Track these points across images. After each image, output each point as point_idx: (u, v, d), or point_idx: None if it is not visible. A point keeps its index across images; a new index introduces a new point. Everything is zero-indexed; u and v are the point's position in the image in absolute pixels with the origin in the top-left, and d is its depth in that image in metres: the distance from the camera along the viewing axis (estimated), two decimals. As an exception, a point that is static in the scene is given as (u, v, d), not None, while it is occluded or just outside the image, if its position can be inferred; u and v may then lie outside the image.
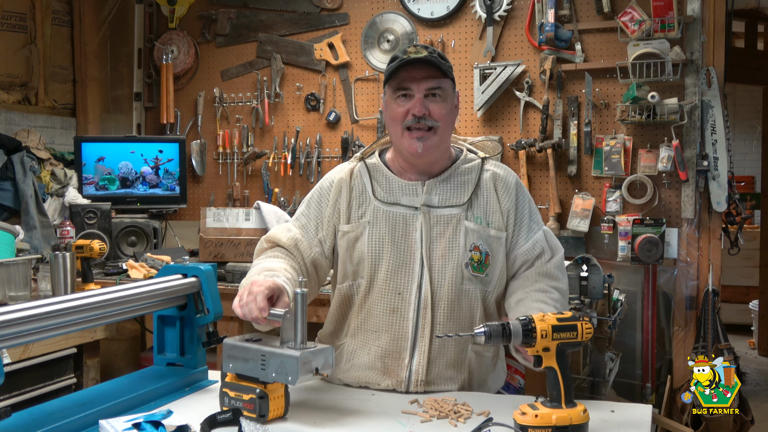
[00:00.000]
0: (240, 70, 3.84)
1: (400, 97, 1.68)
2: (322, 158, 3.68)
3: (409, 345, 1.68)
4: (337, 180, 1.78)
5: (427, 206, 1.71)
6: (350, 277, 1.75)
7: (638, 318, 3.16)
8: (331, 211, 1.76)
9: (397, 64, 1.66)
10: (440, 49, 3.44)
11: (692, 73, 3.01)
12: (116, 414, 1.38)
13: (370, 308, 1.72)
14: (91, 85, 4.02)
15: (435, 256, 1.69)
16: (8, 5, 3.64)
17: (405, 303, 1.69)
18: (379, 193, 1.74)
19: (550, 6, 3.16)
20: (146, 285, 1.53)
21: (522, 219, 1.75)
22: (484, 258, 1.69)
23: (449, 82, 1.70)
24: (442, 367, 1.69)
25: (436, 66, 1.66)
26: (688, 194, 3.04)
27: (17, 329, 1.20)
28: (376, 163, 1.78)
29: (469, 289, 1.69)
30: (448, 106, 1.70)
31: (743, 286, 6.00)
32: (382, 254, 1.70)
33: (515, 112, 3.35)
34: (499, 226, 1.73)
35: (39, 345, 2.45)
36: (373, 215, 1.72)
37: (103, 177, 3.60)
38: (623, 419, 1.45)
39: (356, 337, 1.74)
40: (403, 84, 1.67)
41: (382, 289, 1.70)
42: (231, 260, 3.03)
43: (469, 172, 1.76)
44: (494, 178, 1.75)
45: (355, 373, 1.72)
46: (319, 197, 1.80)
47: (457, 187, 1.73)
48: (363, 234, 1.72)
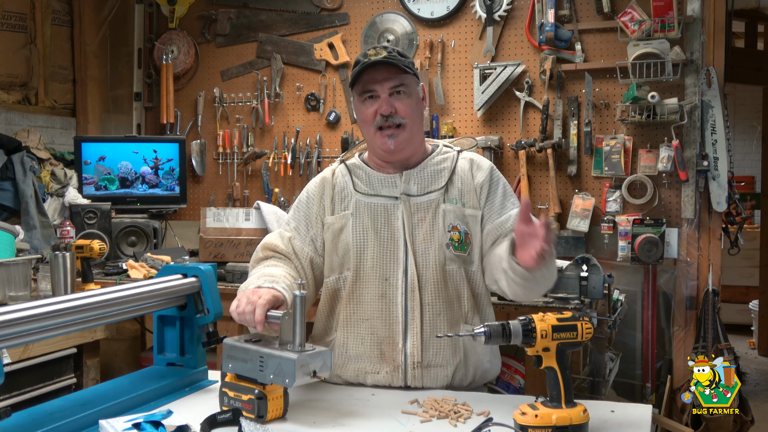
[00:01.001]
0: (240, 70, 3.84)
1: (367, 99, 1.75)
2: (322, 158, 3.68)
3: (401, 329, 1.72)
4: (320, 179, 1.86)
5: (406, 195, 1.77)
6: (336, 269, 1.79)
7: (638, 318, 3.16)
8: (317, 206, 1.83)
9: (359, 69, 1.73)
10: (440, 50, 3.45)
11: (692, 73, 3.01)
12: (116, 414, 1.38)
13: (358, 297, 1.76)
14: (91, 85, 4.02)
15: (417, 240, 1.75)
16: (8, 5, 3.64)
17: (392, 288, 1.73)
18: (360, 186, 1.81)
19: (550, 6, 3.16)
20: (146, 285, 1.53)
21: (495, 194, 1.79)
22: (464, 237, 1.75)
23: (411, 77, 1.75)
24: (438, 348, 1.72)
25: (396, 65, 1.71)
26: (688, 194, 3.04)
27: (17, 329, 1.20)
28: (356, 162, 1.86)
29: (452, 269, 1.75)
30: (414, 102, 1.76)
31: (743, 286, 6.00)
32: (366, 243, 1.76)
33: (515, 112, 3.35)
34: (474, 204, 1.78)
35: (39, 345, 2.46)
36: (355, 207, 1.79)
37: (103, 177, 3.60)
38: (623, 419, 1.45)
39: (347, 328, 1.77)
40: (368, 87, 1.74)
41: (369, 277, 1.75)
42: (231, 260, 3.03)
43: (445, 161, 1.82)
44: (470, 163, 1.82)
45: (352, 365, 1.74)
46: (306, 199, 1.86)
47: (434, 174, 1.80)
48: (347, 225, 1.78)
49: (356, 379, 1.75)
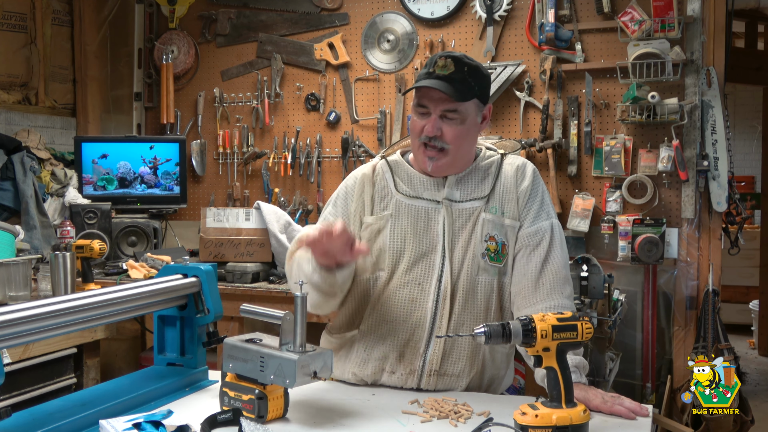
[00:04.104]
0: (240, 70, 3.84)
1: (419, 111, 1.69)
2: (322, 158, 3.68)
3: (426, 335, 1.69)
4: (360, 176, 1.81)
5: (449, 200, 1.73)
6: (369, 269, 1.75)
7: (638, 318, 3.16)
8: (357, 204, 1.78)
9: (420, 79, 1.67)
10: (440, 50, 3.44)
11: (692, 73, 3.01)
12: (116, 414, 1.38)
13: (388, 298, 1.72)
14: (91, 85, 4.02)
15: (456, 248, 1.71)
16: (8, 5, 3.64)
17: (425, 294, 1.70)
18: (402, 187, 1.76)
19: (550, 6, 3.16)
20: (146, 285, 1.53)
21: (532, 203, 1.74)
22: (501, 248, 1.71)
23: (470, 103, 1.68)
24: (456, 358, 1.69)
25: (457, 90, 1.64)
26: (688, 194, 3.04)
27: (17, 329, 1.20)
28: (398, 161, 1.80)
29: (484, 279, 1.70)
30: (465, 128, 1.68)
31: (743, 286, 6.00)
32: (404, 246, 1.72)
33: (515, 112, 3.35)
34: (513, 214, 1.73)
35: (39, 345, 2.46)
36: (395, 209, 1.75)
37: (102, 177, 3.60)
38: (623, 419, 1.45)
39: (371, 328, 1.74)
40: (422, 101, 1.68)
41: (402, 280, 1.71)
42: (231, 260, 3.03)
43: (490, 166, 1.77)
44: (515, 170, 1.77)
45: (371, 363, 1.72)
46: (345, 195, 1.82)
47: (479, 181, 1.75)
48: (385, 227, 1.74)
49: (371, 377, 1.72)
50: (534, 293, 1.68)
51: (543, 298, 1.66)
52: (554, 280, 1.68)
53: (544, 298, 1.66)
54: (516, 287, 1.72)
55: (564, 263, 1.72)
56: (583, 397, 1.50)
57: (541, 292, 1.67)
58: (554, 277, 1.68)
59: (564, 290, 1.69)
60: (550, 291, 1.67)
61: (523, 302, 1.69)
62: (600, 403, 1.49)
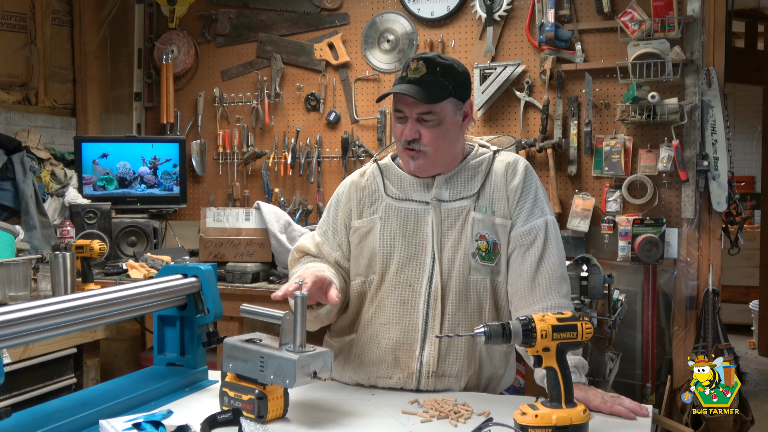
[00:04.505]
0: (240, 70, 3.84)
1: (397, 116, 1.71)
2: (322, 158, 3.68)
3: (420, 337, 1.70)
4: (349, 183, 1.84)
5: (437, 200, 1.73)
6: (362, 273, 1.77)
7: (638, 318, 3.16)
8: (343, 212, 1.82)
9: (395, 83, 1.69)
10: (440, 50, 3.44)
11: (692, 73, 3.01)
12: (116, 414, 1.38)
13: (380, 301, 1.74)
14: (91, 85, 4.02)
15: (446, 248, 1.71)
16: (8, 5, 3.64)
17: (416, 295, 1.71)
18: (391, 190, 1.78)
19: (550, 6, 3.16)
20: (146, 285, 1.53)
21: (524, 201, 1.72)
22: (492, 247, 1.70)
23: (446, 103, 1.68)
24: (453, 359, 1.69)
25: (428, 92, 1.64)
26: (688, 194, 3.04)
27: (17, 329, 1.20)
28: (389, 164, 1.82)
29: (476, 279, 1.70)
30: (443, 129, 1.68)
31: (743, 286, 6.00)
32: (393, 249, 1.73)
33: (515, 112, 3.35)
34: (504, 213, 1.72)
35: (39, 345, 2.45)
36: (384, 212, 1.76)
37: (102, 177, 3.60)
38: (623, 419, 1.45)
39: (367, 331, 1.76)
40: (398, 105, 1.70)
41: (393, 282, 1.72)
42: (231, 260, 3.03)
43: (480, 164, 1.76)
44: (505, 166, 1.75)
45: (367, 368, 1.73)
46: (335, 203, 1.86)
47: (468, 179, 1.74)
48: (374, 229, 1.75)
49: (368, 381, 1.73)
50: (530, 294, 1.67)
51: (540, 299, 1.66)
52: (550, 280, 1.67)
53: (541, 299, 1.66)
54: (512, 288, 1.71)
55: (560, 261, 1.72)
56: (583, 397, 1.49)
57: (537, 293, 1.67)
58: (550, 277, 1.68)
59: (561, 289, 1.68)
60: (547, 291, 1.67)
61: (521, 303, 1.68)
62: (600, 403, 1.49)
